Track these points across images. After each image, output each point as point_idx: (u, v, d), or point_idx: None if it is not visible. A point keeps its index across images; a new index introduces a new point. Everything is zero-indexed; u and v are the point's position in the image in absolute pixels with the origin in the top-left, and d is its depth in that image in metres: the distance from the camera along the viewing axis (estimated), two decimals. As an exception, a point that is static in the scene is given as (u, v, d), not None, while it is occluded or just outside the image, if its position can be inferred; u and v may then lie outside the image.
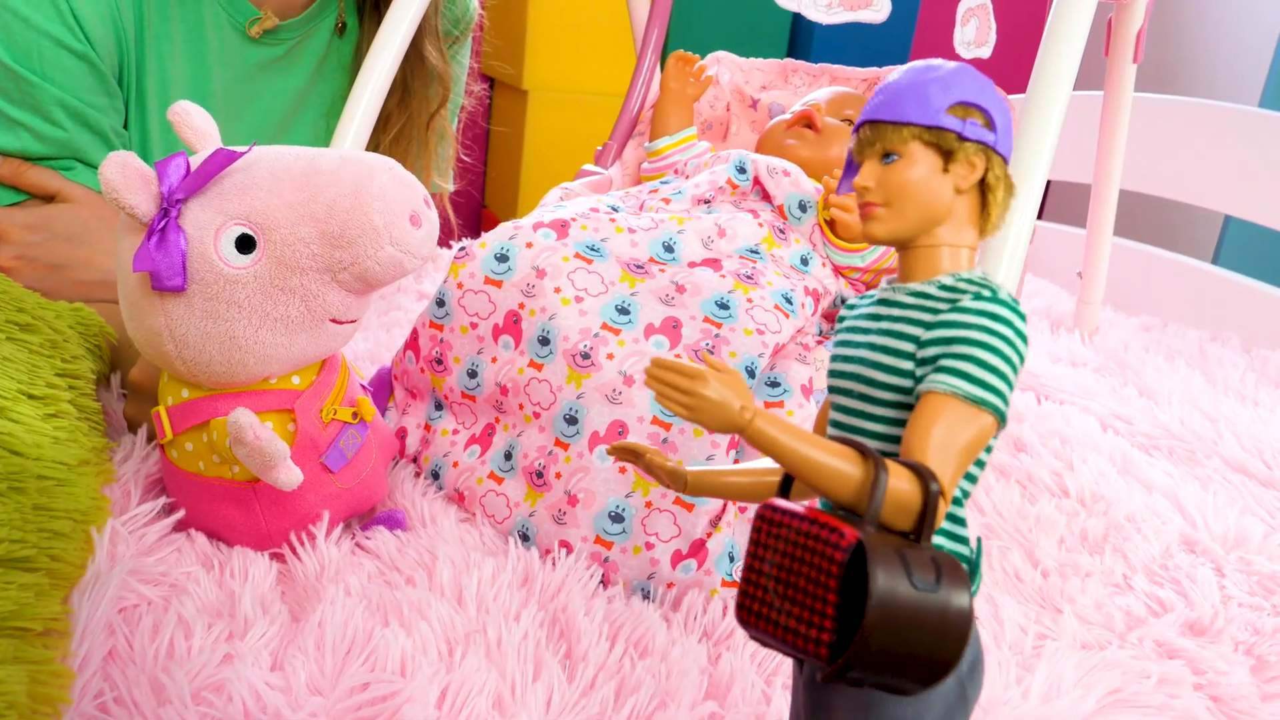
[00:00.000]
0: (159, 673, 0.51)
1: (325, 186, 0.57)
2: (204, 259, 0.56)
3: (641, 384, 0.69)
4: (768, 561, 0.36)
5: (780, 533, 0.36)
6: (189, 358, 0.58)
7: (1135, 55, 1.05)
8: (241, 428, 0.56)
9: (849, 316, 0.45)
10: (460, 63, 1.23)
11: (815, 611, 0.34)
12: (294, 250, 0.56)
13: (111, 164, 0.54)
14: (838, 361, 0.43)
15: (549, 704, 0.54)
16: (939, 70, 0.43)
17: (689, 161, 1.00)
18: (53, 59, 0.89)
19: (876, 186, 0.42)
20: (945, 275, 0.42)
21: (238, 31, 1.03)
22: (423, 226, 0.59)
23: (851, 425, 0.42)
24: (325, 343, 0.61)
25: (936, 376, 0.39)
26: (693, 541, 0.67)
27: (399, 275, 0.59)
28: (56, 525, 0.53)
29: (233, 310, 0.57)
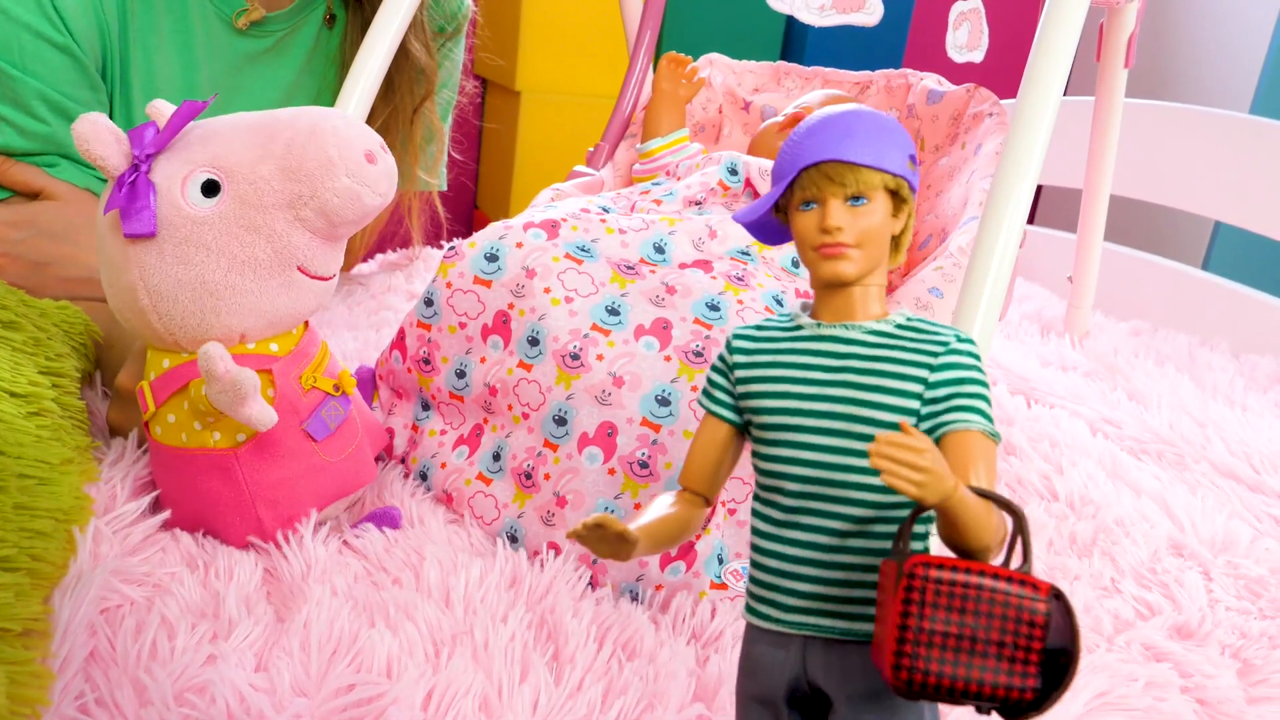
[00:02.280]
0: (141, 674, 0.50)
1: (282, 128, 0.60)
2: (172, 205, 0.59)
3: (630, 385, 0.69)
4: (940, 620, 0.37)
5: (958, 590, 0.37)
6: (163, 310, 0.60)
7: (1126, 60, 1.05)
8: (212, 358, 0.57)
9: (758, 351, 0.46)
10: (454, 60, 1.23)
11: (1019, 662, 0.36)
12: (256, 189, 0.59)
13: (84, 120, 0.58)
14: (799, 400, 0.44)
15: (536, 706, 0.53)
16: (890, 120, 0.46)
17: (681, 163, 1.00)
18: (33, 52, 0.88)
19: (848, 228, 0.44)
20: (894, 314, 0.45)
21: (224, 23, 1.02)
22: (378, 163, 0.61)
23: (842, 464, 0.43)
24: (297, 297, 0.62)
25: (964, 415, 0.42)
26: (682, 544, 0.67)
27: (358, 211, 0.61)
28: (38, 524, 0.52)
29: (201, 253, 0.59)
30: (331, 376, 0.66)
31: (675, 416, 0.68)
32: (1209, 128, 1.45)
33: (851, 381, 0.43)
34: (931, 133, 1.04)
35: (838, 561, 0.43)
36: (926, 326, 0.44)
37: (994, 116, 0.99)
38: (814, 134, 0.45)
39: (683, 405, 0.68)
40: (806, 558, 0.43)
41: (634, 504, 0.67)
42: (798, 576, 0.43)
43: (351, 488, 0.68)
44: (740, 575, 0.67)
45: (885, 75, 1.11)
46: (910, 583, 0.37)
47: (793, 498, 0.44)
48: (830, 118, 0.45)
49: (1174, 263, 1.51)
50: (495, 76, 2.23)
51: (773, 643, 0.44)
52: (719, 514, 0.69)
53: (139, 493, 0.65)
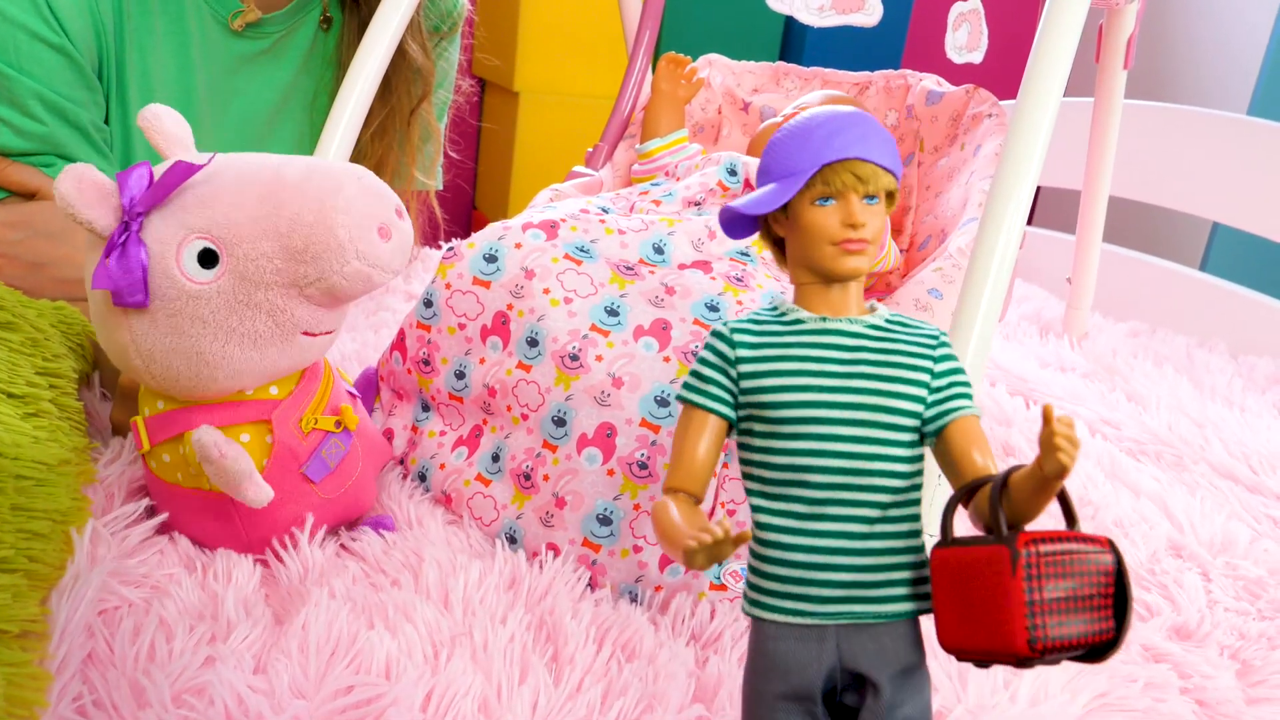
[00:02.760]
0: (139, 675, 0.50)
1: (289, 200, 0.55)
2: (166, 274, 0.55)
3: (630, 386, 0.69)
4: (1049, 589, 0.40)
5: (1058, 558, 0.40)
6: (156, 373, 0.57)
7: (1125, 61, 1.05)
8: (205, 446, 0.55)
9: (761, 344, 0.47)
10: (449, 59, 1.23)
11: (1101, 609, 0.40)
12: (257, 265, 0.55)
13: (67, 178, 0.53)
14: (819, 392, 0.45)
15: (535, 707, 0.53)
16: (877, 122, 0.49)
17: (680, 163, 1.00)
18: (29, 52, 0.88)
19: (868, 225, 0.46)
20: (879, 309, 0.48)
21: (220, 25, 1.02)
22: (392, 239, 0.57)
23: (871, 453, 0.44)
24: (299, 355, 0.60)
25: (963, 403, 0.46)
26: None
27: (368, 289, 0.57)
28: (35, 526, 0.52)
29: (197, 326, 0.55)
30: (334, 411, 0.64)
31: (675, 417, 0.68)
32: (1207, 129, 1.45)
33: (868, 374, 0.45)
34: (931, 134, 1.04)
35: (869, 548, 0.44)
36: (911, 322, 0.48)
37: (993, 117, 0.99)
38: (837, 132, 0.46)
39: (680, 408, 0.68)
40: (839, 547, 0.44)
41: (633, 504, 0.67)
42: (831, 567, 0.44)
43: (349, 516, 0.68)
44: (739, 576, 0.67)
45: (884, 76, 1.11)
46: (1028, 559, 0.39)
47: (821, 489, 0.44)
48: (849, 117, 0.47)
49: (1172, 264, 1.51)
50: (494, 77, 2.23)
51: (803, 637, 0.44)
52: (718, 515, 0.68)
53: (137, 494, 0.65)
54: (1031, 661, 0.39)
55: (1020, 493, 0.41)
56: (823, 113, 0.47)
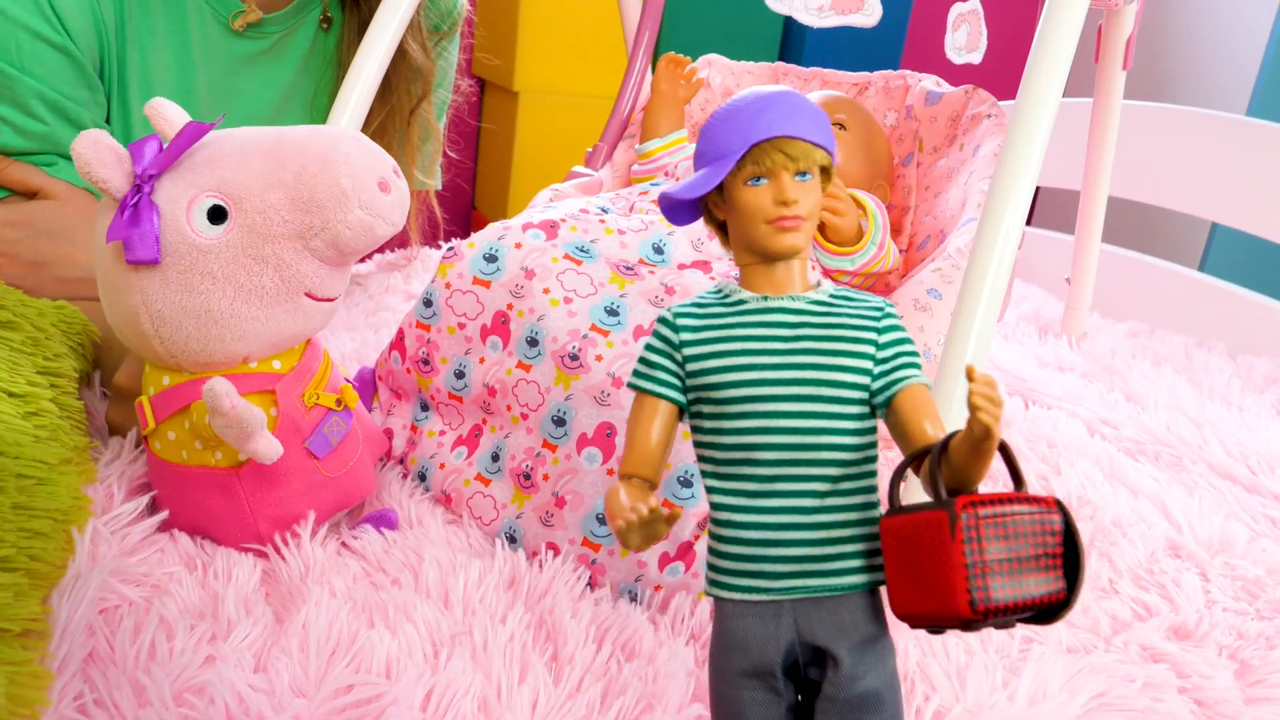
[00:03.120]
0: (140, 674, 0.50)
1: (293, 155, 0.57)
2: (177, 231, 0.56)
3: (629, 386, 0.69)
4: (991, 551, 0.39)
5: (1000, 519, 0.40)
6: (166, 335, 0.58)
7: (1125, 62, 1.05)
8: (218, 395, 0.56)
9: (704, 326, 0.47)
10: (448, 59, 1.23)
11: (1051, 569, 0.40)
12: (265, 218, 0.57)
13: (84, 140, 0.55)
14: (760, 370, 0.45)
15: (535, 706, 0.53)
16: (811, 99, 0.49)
17: (679, 164, 1.00)
18: (31, 52, 0.88)
19: (801, 202, 0.46)
20: (824, 285, 0.48)
21: (221, 25, 1.02)
22: (391, 193, 0.59)
23: (816, 427, 0.45)
24: (303, 321, 0.61)
25: (909, 372, 0.46)
26: (680, 544, 0.67)
27: (370, 241, 0.59)
28: (36, 525, 0.52)
29: (207, 282, 0.57)
30: (334, 390, 0.65)
31: (674, 417, 0.68)
32: (1206, 129, 1.45)
33: (810, 349, 0.45)
34: (930, 134, 1.05)
35: (820, 522, 0.44)
36: (855, 295, 0.47)
37: (992, 118, 0.99)
38: (762, 111, 0.46)
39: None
40: (790, 523, 0.44)
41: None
42: (782, 543, 0.44)
43: (351, 500, 0.68)
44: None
45: (884, 76, 1.11)
46: (967, 522, 0.39)
47: (769, 466, 0.45)
48: (774, 96, 0.47)
49: (1171, 264, 1.51)
50: (493, 77, 2.23)
51: (760, 614, 0.44)
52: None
53: (137, 493, 0.65)
54: (976, 624, 0.39)
55: (958, 457, 0.41)
56: (751, 93, 0.48)
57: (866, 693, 0.43)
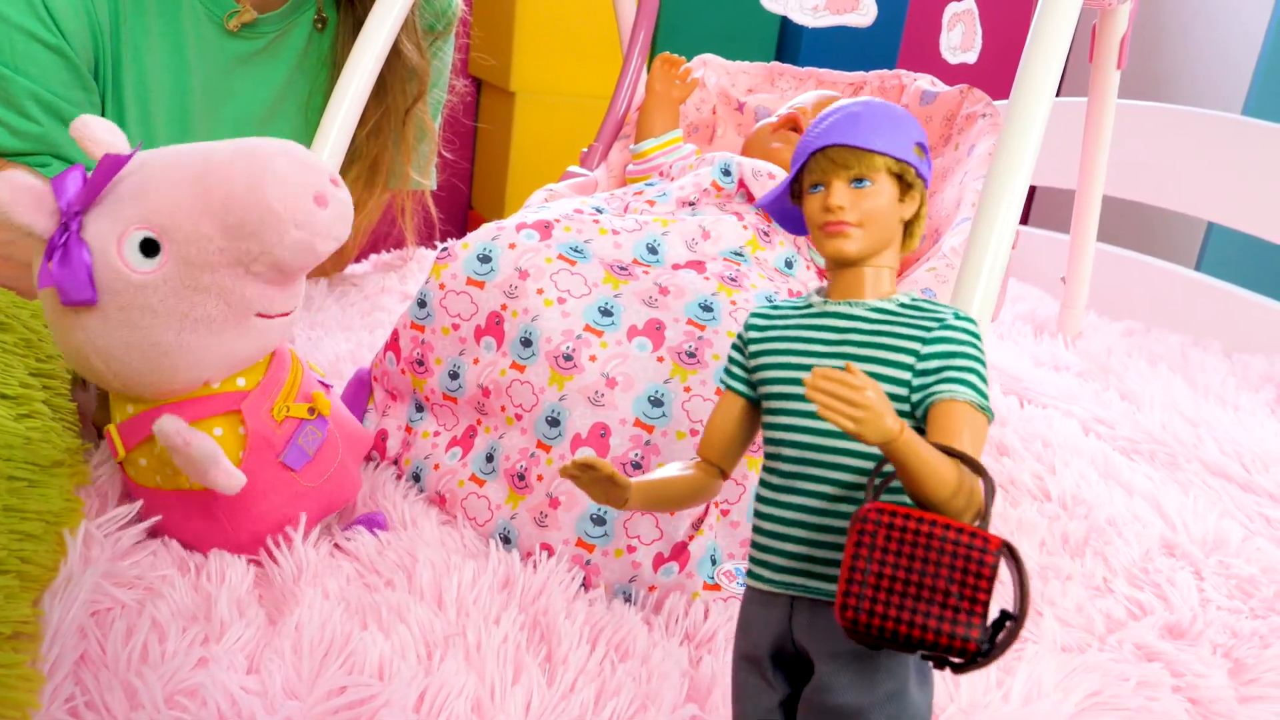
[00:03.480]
0: (132, 677, 0.50)
1: (219, 180, 0.55)
2: (110, 268, 0.55)
3: (623, 386, 0.69)
4: (889, 565, 0.38)
5: (909, 537, 0.38)
6: (117, 371, 0.57)
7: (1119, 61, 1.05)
8: (167, 434, 0.55)
9: (771, 327, 0.48)
10: (443, 59, 1.23)
11: (963, 611, 0.37)
12: (199, 248, 0.55)
13: (1, 185, 0.53)
14: (797, 371, 0.46)
15: (528, 707, 0.53)
16: (899, 110, 0.48)
17: (674, 164, 1.00)
18: (25, 52, 0.88)
19: (850, 208, 0.46)
20: (900, 294, 0.46)
21: (216, 25, 1.02)
22: (329, 206, 0.56)
23: (833, 430, 0.44)
24: (258, 339, 0.59)
25: (952, 387, 0.43)
26: (674, 544, 0.67)
27: (313, 259, 0.57)
28: (28, 527, 0.52)
29: (148, 317, 0.55)
30: (305, 399, 0.63)
31: (668, 417, 0.68)
32: (1202, 129, 1.46)
33: (848, 354, 0.45)
34: (926, 133, 1.04)
35: (827, 525, 0.44)
36: (928, 305, 0.46)
37: (987, 117, 0.99)
38: (823, 121, 0.47)
39: (676, 406, 0.68)
40: (799, 520, 0.45)
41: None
42: (789, 538, 0.45)
43: (336, 505, 0.67)
44: (733, 576, 0.67)
45: (879, 76, 1.11)
46: (863, 526, 0.39)
47: (790, 463, 0.45)
48: (840, 106, 0.48)
49: (1166, 263, 1.51)
50: (490, 77, 2.23)
51: (763, 602, 0.45)
52: (712, 515, 0.69)
53: (126, 493, 0.65)
54: (857, 635, 0.38)
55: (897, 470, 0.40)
56: (835, 105, 0.49)
57: (847, 708, 0.43)
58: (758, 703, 0.46)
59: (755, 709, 0.46)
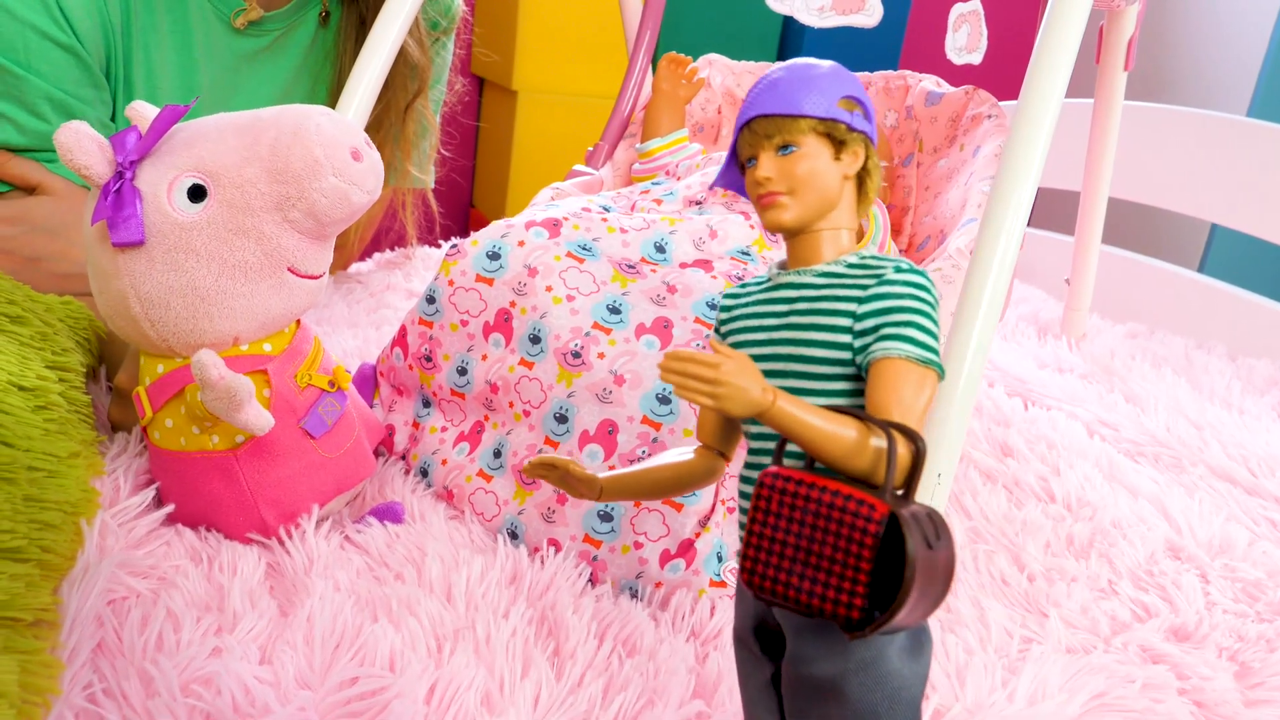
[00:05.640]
0: (148, 665, 0.50)
1: (267, 129, 0.59)
2: (159, 211, 0.58)
3: (631, 383, 0.69)
4: (780, 530, 0.38)
5: (799, 503, 0.38)
6: (155, 317, 0.59)
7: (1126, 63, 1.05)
8: (205, 366, 0.57)
9: (737, 305, 0.47)
10: (444, 57, 1.23)
11: (847, 579, 0.37)
12: (243, 192, 0.58)
13: (66, 129, 0.57)
14: (753, 347, 0.45)
15: (537, 701, 0.54)
16: (821, 67, 0.47)
17: (680, 163, 1.00)
18: (38, 51, 0.89)
19: (779, 177, 0.45)
20: (848, 254, 0.45)
21: (223, 23, 1.02)
22: (364, 160, 0.61)
23: None
24: (288, 297, 0.62)
25: (887, 344, 0.41)
26: (681, 541, 0.67)
27: (347, 209, 0.60)
28: (47, 517, 0.53)
29: (191, 259, 0.58)
30: (326, 373, 0.66)
31: (676, 415, 0.68)
32: (1206, 130, 1.46)
33: (794, 323, 0.44)
34: (930, 134, 1.05)
35: None
36: (873, 262, 0.44)
37: (993, 119, 0.99)
38: (749, 96, 0.47)
39: (683, 403, 0.69)
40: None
41: (634, 501, 0.67)
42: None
43: (352, 482, 0.68)
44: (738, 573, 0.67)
45: (884, 77, 1.12)
46: (759, 490, 0.39)
47: (754, 440, 0.45)
48: (765, 78, 0.47)
49: (1171, 265, 1.52)
50: (492, 76, 2.24)
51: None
52: (718, 513, 0.69)
53: (143, 487, 0.66)
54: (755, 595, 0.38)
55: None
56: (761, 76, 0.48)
57: (819, 678, 0.41)
58: (752, 679, 0.46)
59: (750, 685, 0.46)
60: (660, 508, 0.67)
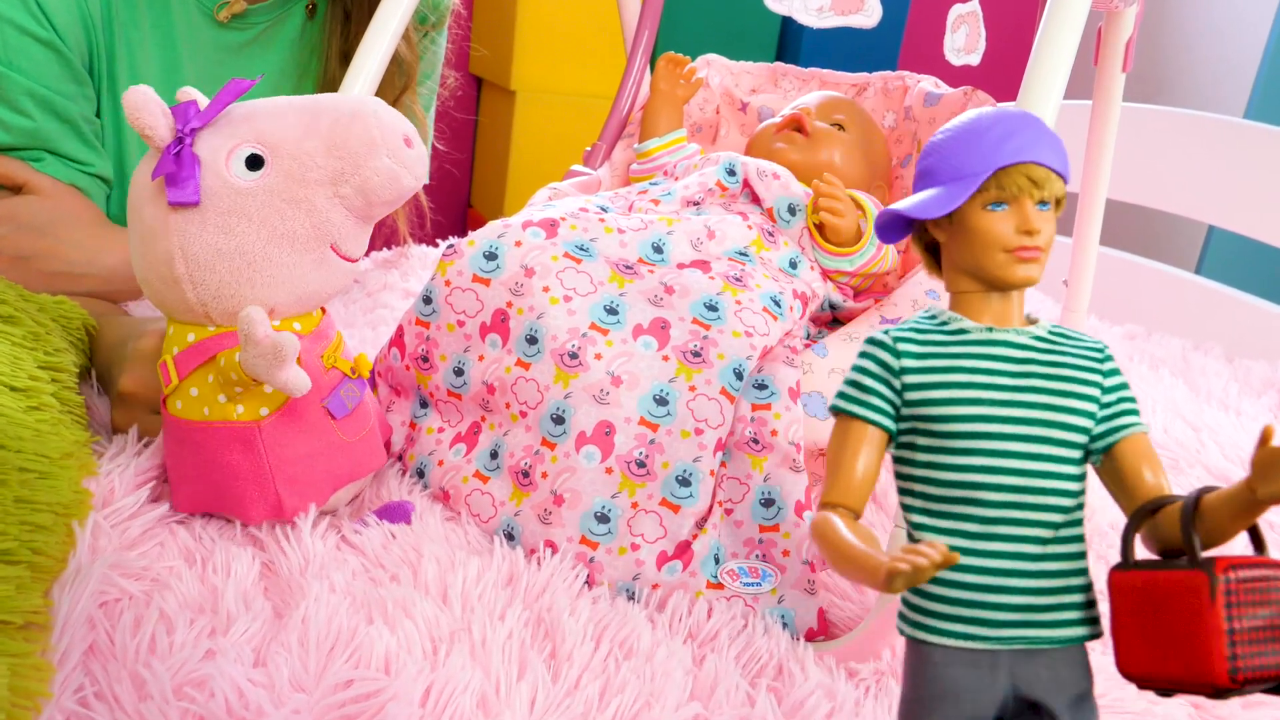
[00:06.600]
0: (140, 668, 0.50)
1: (327, 109, 0.62)
2: (217, 176, 0.60)
3: (628, 384, 0.69)
4: (1248, 618, 0.38)
5: (1261, 585, 0.38)
6: (199, 278, 0.60)
7: (1124, 64, 1.05)
8: (254, 322, 0.58)
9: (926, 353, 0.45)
10: (435, 52, 1.23)
11: None
12: (300, 164, 0.60)
13: (134, 91, 0.59)
14: (992, 406, 0.44)
15: (533, 703, 0.54)
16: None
17: (678, 163, 1.00)
18: (18, 47, 0.88)
19: (1043, 231, 0.44)
20: (1043, 321, 0.46)
21: (206, 16, 1.02)
22: (414, 148, 0.63)
23: (1044, 470, 0.43)
24: (326, 275, 0.63)
25: (1132, 419, 0.45)
26: (678, 543, 0.67)
27: (396, 191, 0.62)
28: (38, 518, 0.52)
29: (243, 223, 0.60)
30: (348, 359, 0.67)
31: (673, 416, 0.68)
32: (1204, 132, 1.46)
33: (1039, 387, 0.44)
34: (928, 135, 1.05)
35: (1044, 570, 0.43)
36: (1072, 334, 0.46)
37: (991, 120, 0.99)
38: (1011, 134, 0.45)
39: (680, 405, 0.68)
40: (1013, 569, 0.43)
41: (631, 503, 0.67)
42: (1005, 589, 0.42)
43: (365, 470, 0.69)
44: (736, 575, 0.67)
45: (883, 77, 1.12)
46: (1229, 587, 0.38)
47: (993, 508, 0.43)
48: (1021, 118, 0.45)
49: (1168, 267, 1.52)
50: (490, 75, 2.24)
51: (974, 663, 0.42)
52: (715, 514, 0.69)
53: (136, 487, 0.65)
54: (1229, 693, 0.37)
55: (1218, 516, 0.39)
56: (992, 113, 0.46)
57: None
58: None
59: None
60: (657, 509, 0.67)
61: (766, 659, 0.61)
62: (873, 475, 0.45)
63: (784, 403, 0.71)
